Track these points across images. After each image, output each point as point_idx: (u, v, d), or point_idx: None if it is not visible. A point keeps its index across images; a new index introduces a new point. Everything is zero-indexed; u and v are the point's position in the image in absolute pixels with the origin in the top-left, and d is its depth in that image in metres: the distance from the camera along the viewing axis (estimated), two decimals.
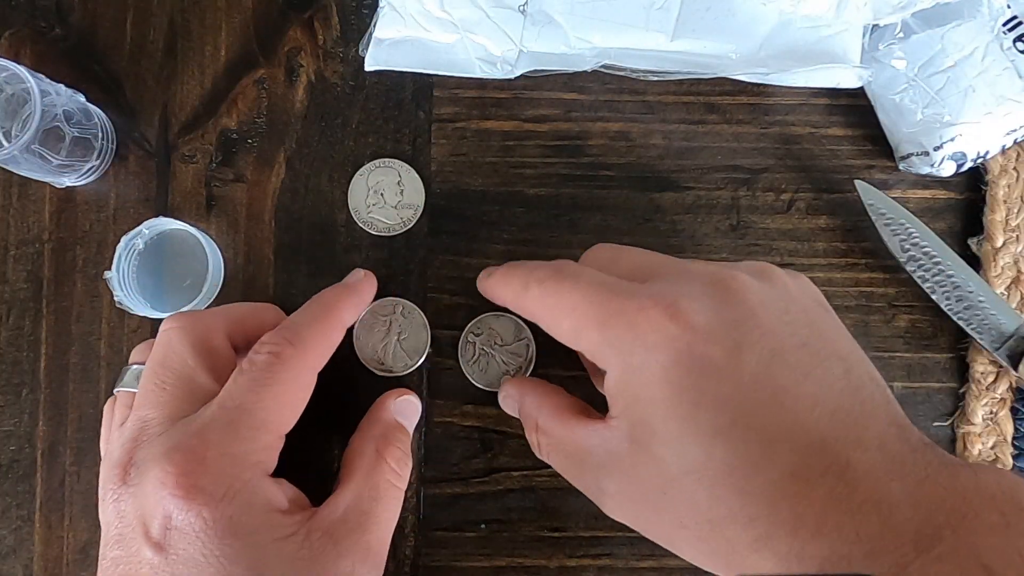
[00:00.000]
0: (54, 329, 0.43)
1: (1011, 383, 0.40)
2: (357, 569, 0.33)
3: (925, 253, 0.40)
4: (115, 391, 0.39)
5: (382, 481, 0.35)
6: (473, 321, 0.41)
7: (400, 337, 0.41)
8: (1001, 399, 0.40)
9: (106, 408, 0.39)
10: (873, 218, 0.40)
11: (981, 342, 0.39)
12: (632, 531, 0.41)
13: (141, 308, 0.41)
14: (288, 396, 0.34)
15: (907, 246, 0.40)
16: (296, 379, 0.34)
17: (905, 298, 0.42)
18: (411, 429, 0.39)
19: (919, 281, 0.40)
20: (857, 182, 0.41)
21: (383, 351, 0.41)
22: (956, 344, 0.42)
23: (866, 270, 0.42)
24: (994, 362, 0.40)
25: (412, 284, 0.42)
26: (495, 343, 0.41)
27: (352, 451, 0.37)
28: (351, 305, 0.39)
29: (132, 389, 0.37)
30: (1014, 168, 0.41)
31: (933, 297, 0.40)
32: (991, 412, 0.41)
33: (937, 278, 0.40)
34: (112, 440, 0.35)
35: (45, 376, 0.43)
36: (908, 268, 0.40)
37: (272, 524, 0.32)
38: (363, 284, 0.40)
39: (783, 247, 0.42)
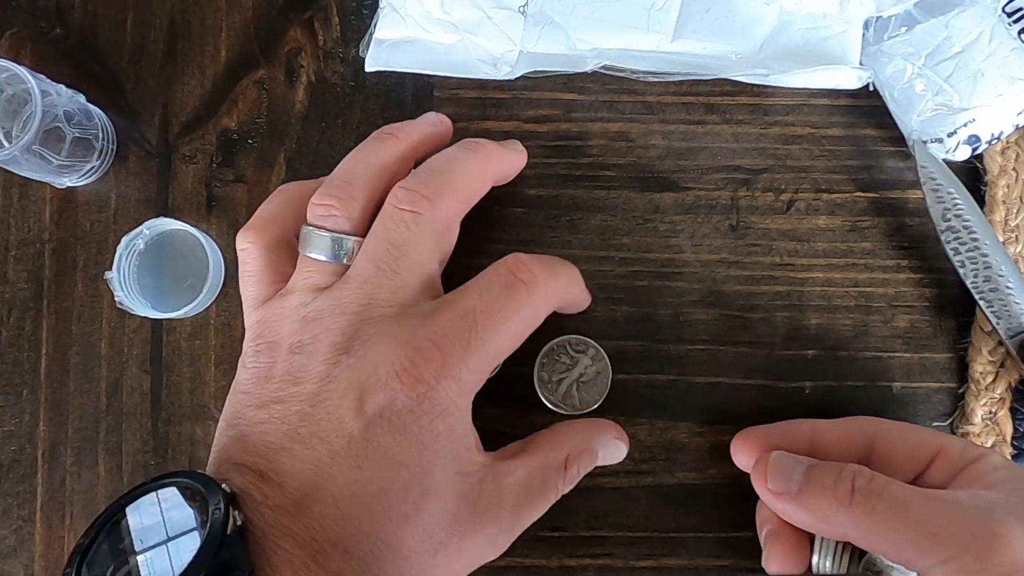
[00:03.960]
0: (54, 329, 0.43)
1: (1010, 383, 0.40)
2: (499, 540, 0.33)
3: (965, 226, 0.39)
4: (304, 254, 0.35)
5: (551, 485, 0.35)
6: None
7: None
8: (1000, 399, 0.40)
9: (251, 251, 0.36)
10: (922, 180, 0.40)
11: (997, 327, 0.39)
12: (632, 531, 0.41)
13: (142, 308, 0.41)
14: (523, 334, 0.34)
15: (949, 216, 0.39)
16: (535, 316, 0.34)
17: (905, 298, 0.42)
18: (592, 466, 0.38)
19: (951, 253, 0.40)
20: (915, 142, 0.40)
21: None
22: (955, 344, 0.42)
23: (866, 270, 0.42)
24: (993, 362, 0.40)
25: None
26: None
27: (550, 437, 0.36)
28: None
29: (323, 258, 0.34)
30: (1013, 168, 0.41)
31: (960, 271, 0.40)
32: (990, 412, 0.41)
33: (970, 254, 0.39)
34: (311, 299, 0.33)
35: (45, 376, 0.43)
36: (943, 238, 0.40)
37: (462, 457, 0.32)
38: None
39: (783, 247, 0.42)
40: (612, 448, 0.38)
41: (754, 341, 0.41)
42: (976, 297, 0.40)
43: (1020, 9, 0.40)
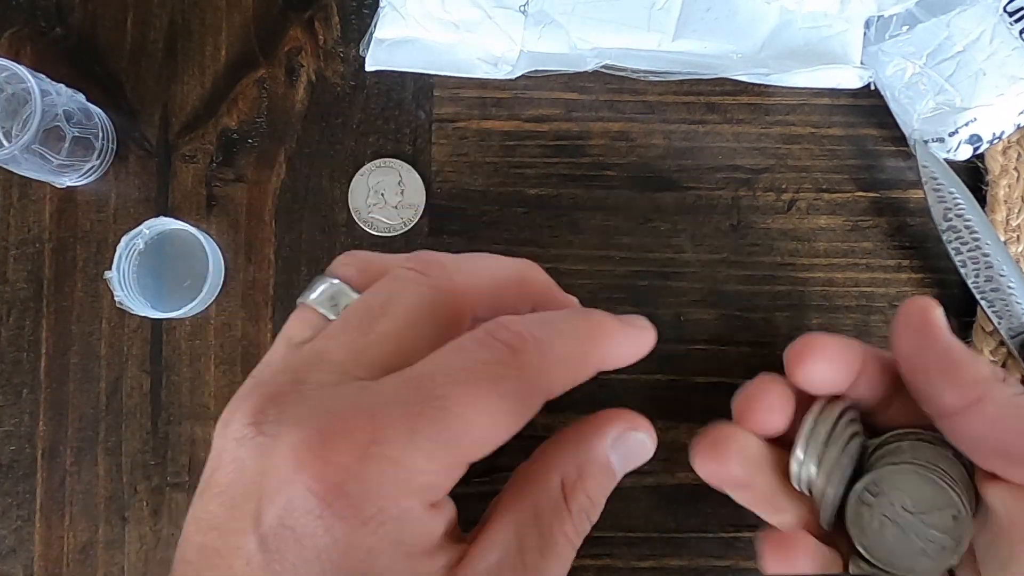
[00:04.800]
0: (54, 329, 0.43)
1: None
2: None
3: (967, 226, 0.39)
4: (298, 302, 0.28)
5: (558, 532, 0.26)
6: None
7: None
8: None
9: (290, 319, 0.28)
10: (923, 180, 0.40)
11: (998, 327, 0.39)
12: (632, 531, 0.41)
13: (141, 308, 0.41)
14: (508, 413, 0.24)
15: (951, 216, 0.39)
16: (529, 394, 0.24)
17: (905, 298, 0.42)
18: (612, 480, 0.28)
19: (952, 253, 0.40)
20: (917, 142, 0.40)
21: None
22: None
23: (866, 270, 0.42)
24: (995, 362, 0.40)
25: None
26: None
27: (530, 470, 0.27)
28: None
29: (320, 309, 0.27)
30: (1014, 168, 0.41)
31: (962, 271, 0.40)
32: None
33: (972, 253, 0.39)
34: (274, 355, 0.26)
35: (45, 376, 0.43)
36: (945, 238, 0.40)
37: (410, 571, 0.23)
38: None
39: (783, 247, 0.42)
40: (630, 444, 0.28)
41: (755, 341, 0.41)
42: (977, 297, 0.40)
43: (1021, 8, 0.40)
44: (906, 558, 0.26)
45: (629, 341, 0.28)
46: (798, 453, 0.28)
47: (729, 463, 0.29)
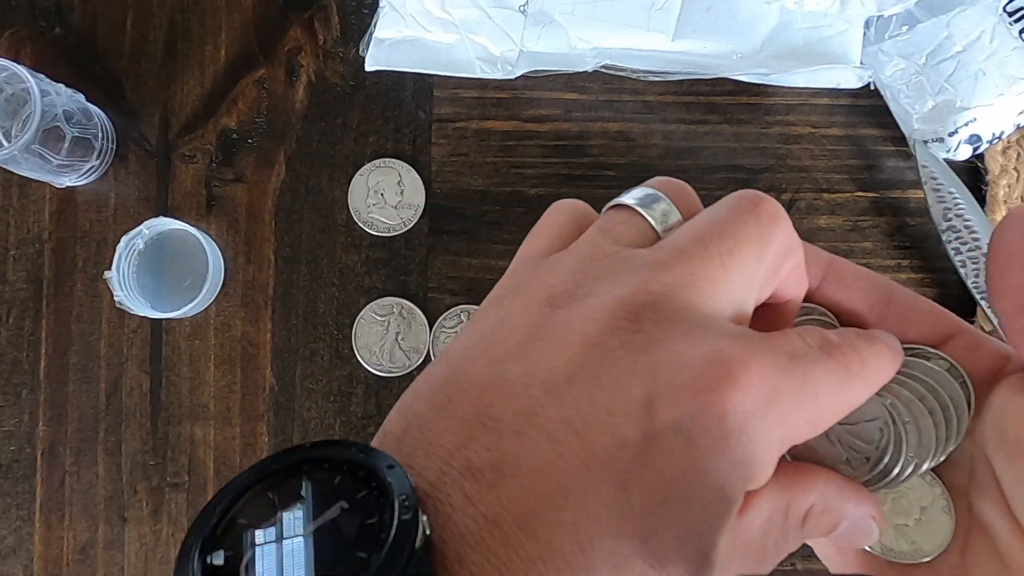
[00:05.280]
0: (54, 329, 0.43)
1: None
2: None
3: (967, 226, 0.39)
4: (623, 202, 0.26)
5: (784, 538, 0.24)
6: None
7: (399, 337, 0.41)
8: None
9: (609, 215, 0.26)
10: (923, 180, 0.40)
11: (998, 327, 0.39)
12: None
13: (141, 308, 0.41)
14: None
15: (950, 215, 0.39)
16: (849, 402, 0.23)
17: None
18: (824, 532, 0.26)
19: (952, 252, 0.39)
20: (916, 142, 0.40)
21: (381, 351, 0.41)
22: None
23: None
24: None
25: (412, 284, 0.42)
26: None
27: (799, 477, 0.25)
28: None
29: (639, 208, 0.25)
30: (1014, 168, 0.41)
31: (961, 271, 0.40)
32: None
33: (971, 253, 0.39)
34: (600, 246, 0.24)
35: (45, 376, 0.42)
36: (944, 238, 0.40)
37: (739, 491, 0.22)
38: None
39: None
40: (861, 525, 0.26)
41: None
42: (977, 297, 0.40)
43: (1021, 9, 0.40)
44: (828, 464, 0.26)
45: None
46: None
47: None
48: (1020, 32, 0.40)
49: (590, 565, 0.20)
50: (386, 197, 0.43)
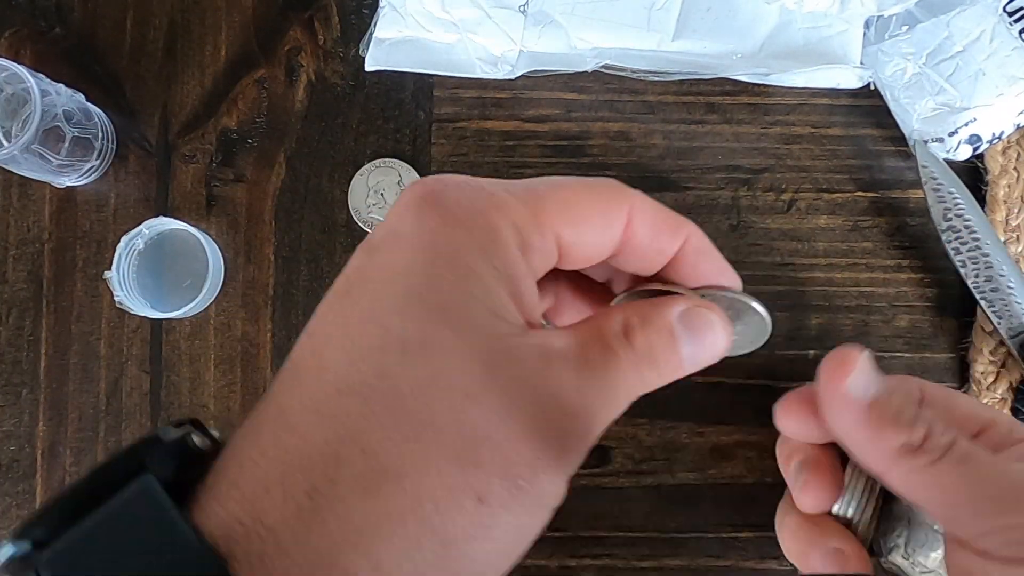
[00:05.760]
0: (54, 329, 0.43)
1: (1011, 383, 0.40)
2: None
3: (967, 226, 0.39)
4: None
5: (621, 353, 0.24)
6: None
7: None
8: (1002, 399, 0.40)
9: None
10: (923, 180, 0.40)
11: (998, 327, 0.39)
12: (633, 531, 0.41)
13: (141, 308, 0.41)
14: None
15: (950, 215, 0.39)
16: None
17: (905, 298, 0.42)
18: (692, 354, 0.25)
19: (952, 253, 0.40)
20: (916, 142, 0.40)
21: None
22: (956, 344, 0.42)
23: (866, 270, 0.42)
24: (994, 362, 0.40)
25: None
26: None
27: (587, 319, 0.25)
28: None
29: None
30: (1014, 168, 0.41)
31: (961, 271, 0.40)
32: None
33: (971, 253, 0.39)
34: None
35: (45, 376, 0.42)
36: (944, 238, 0.40)
37: (494, 275, 0.23)
38: None
39: (783, 247, 0.42)
40: (697, 321, 0.26)
41: None
42: (977, 297, 0.40)
43: (1021, 8, 0.40)
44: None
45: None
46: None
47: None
48: (1020, 32, 0.40)
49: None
50: (386, 197, 0.43)
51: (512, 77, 0.42)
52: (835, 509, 0.32)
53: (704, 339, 0.26)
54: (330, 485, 0.20)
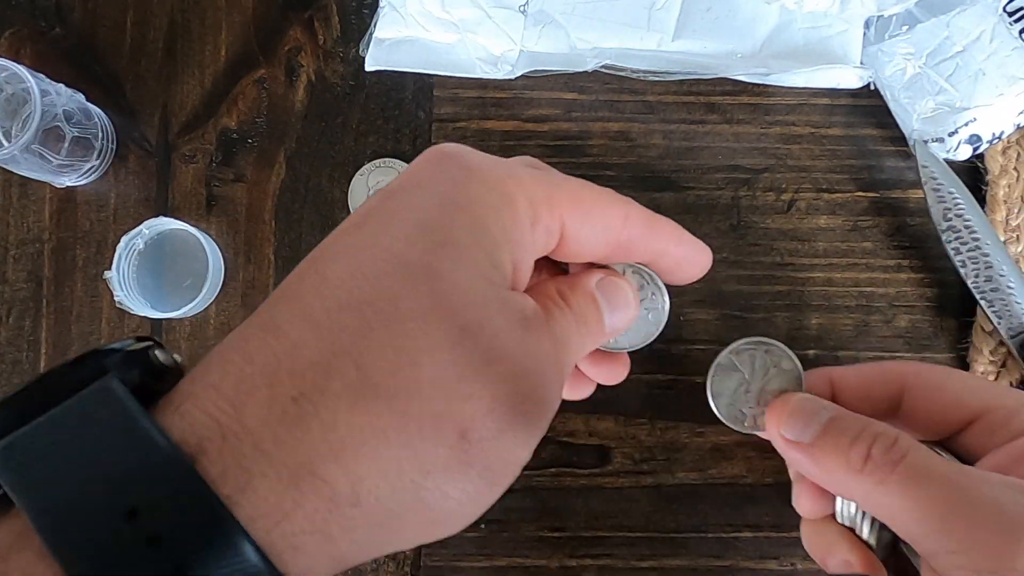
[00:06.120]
0: (54, 329, 0.43)
1: (1011, 382, 0.40)
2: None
3: (967, 226, 0.39)
4: None
5: (556, 309, 0.26)
6: None
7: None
8: None
9: None
10: (923, 180, 0.40)
11: (998, 327, 0.39)
12: (632, 531, 0.41)
13: (141, 308, 0.41)
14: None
15: (950, 216, 0.39)
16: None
17: (905, 298, 0.42)
18: (609, 321, 0.28)
19: (952, 253, 0.40)
20: (916, 142, 0.40)
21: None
22: (957, 344, 0.42)
23: (866, 270, 0.42)
24: (994, 362, 0.40)
25: None
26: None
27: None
28: None
29: None
30: (1014, 168, 0.41)
31: (961, 271, 0.40)
32: None
33: (971, 253, 0.39)
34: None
35: None
36: (944, 238, 0.40)
37: (501, 225, 0.24)
38: None
39: (783, 247, 0.42)
40: (612, 288, 0.28)
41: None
42: (977, 297, 0.40)
43: (1021, 8, 0.40)
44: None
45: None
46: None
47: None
48: (1020, 32, 0.40)
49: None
50: None
51: (512, 77, 0.42)
52: (837, 512, 0.32)
53: (617, 302, 0.28)
54: (318, 393, 0.20)
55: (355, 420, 0.20)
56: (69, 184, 0.43)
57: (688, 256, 0.29)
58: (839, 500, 0.31)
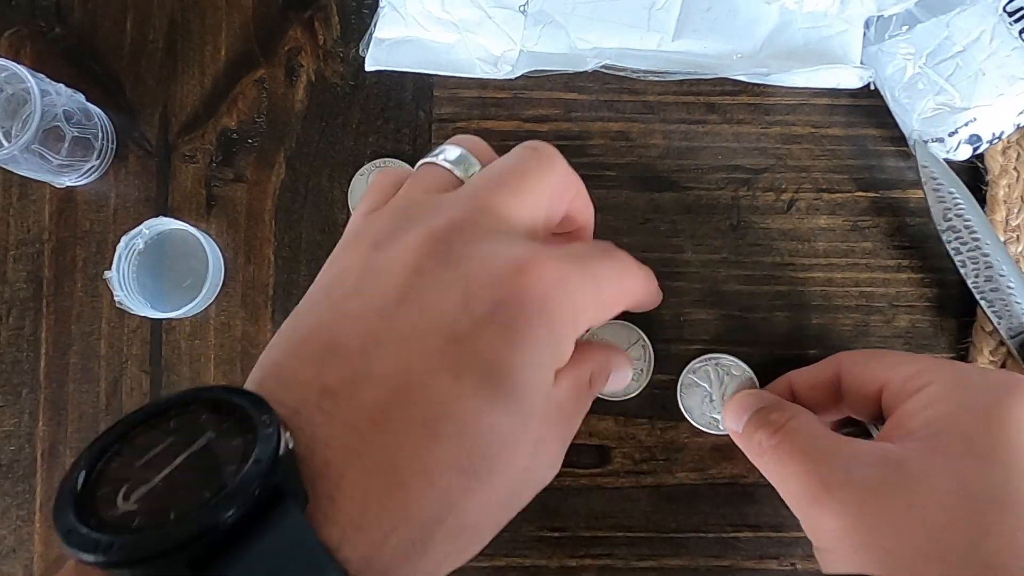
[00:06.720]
0: (54, 329, 0.43)
1: None
2: (557, 461, 0.30)
3: (967, 226, 0.39)
4: (426, 162, 0.32)
5: (584, 403, 0.30)
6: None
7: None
8: None
9: (420, 171, 0.32)
10: (923, 180, 0.40)
11: (998, 327, 0.39)
12: (633, 531, 0.41)
13: (141, 308, 0.41)
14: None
15: (950, 215, 0.39)
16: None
17: (905, 298, 0.42)
18: (601, 386, 0.32)
19: (952, 252, 0.40)
20: (916, 142, 0.40)
21: None
22: (957, 344, 0.42)
23: (866, 270, 0.42)
24: (994, 362, 0.40)
25: None
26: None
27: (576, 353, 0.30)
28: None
29: (447, 165, 0.31)
30: (1014, 168, 0.41)
31: (961, 271, 0.40)
32: None
33: (971, 253, 0.39)
34: (415, 192, 0.30)
35: (45, 376, 0.43)
36: (944, 238, 0.40)
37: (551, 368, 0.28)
38: None
39: (784, 247, 0.42)
40: (621, 373, 0.34)
41: (755, 341, 0.41)
42: (977, 297, 0.40)
43: (1021, 8, 0.40)
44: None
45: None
46: None
47: None
48: (1020, 32, 0.40)
49: (434, 443, 0.23)
50: None
51: (512, 77, 0.42)
52: None
53: (620, 378, 0.34)
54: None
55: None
56: (69, 184, 0.43)
57: (654, 298, 0.36)
58: None
